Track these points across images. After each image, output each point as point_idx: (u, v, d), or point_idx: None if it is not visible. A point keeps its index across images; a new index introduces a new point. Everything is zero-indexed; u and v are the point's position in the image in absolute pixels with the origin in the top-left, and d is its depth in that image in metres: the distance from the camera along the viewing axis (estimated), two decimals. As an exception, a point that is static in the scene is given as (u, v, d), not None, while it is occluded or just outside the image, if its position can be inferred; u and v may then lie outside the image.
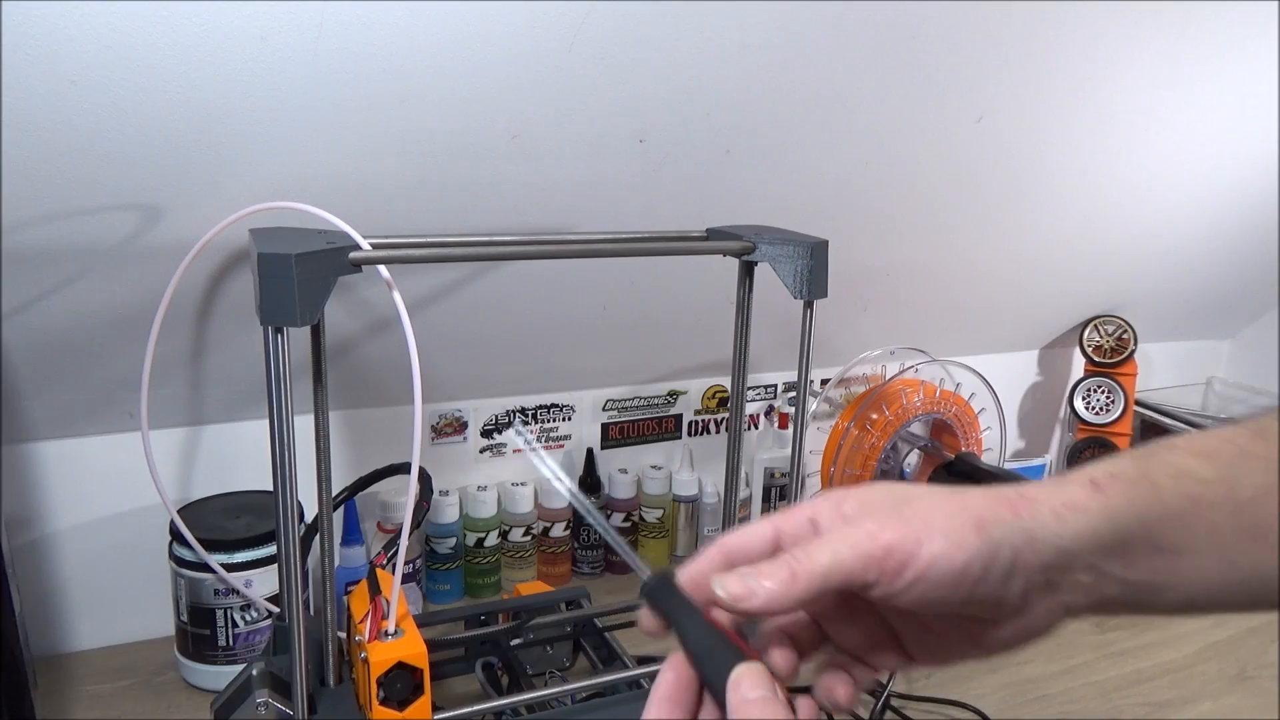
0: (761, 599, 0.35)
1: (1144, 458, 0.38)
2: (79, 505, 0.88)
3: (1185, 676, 0.94)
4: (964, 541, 0.34)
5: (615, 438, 1.13)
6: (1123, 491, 0.36)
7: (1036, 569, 0.36)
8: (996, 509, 0.36)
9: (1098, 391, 1.30)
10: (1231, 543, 0.36)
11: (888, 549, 0.34)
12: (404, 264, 0.55)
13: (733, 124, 0.82)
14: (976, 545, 0.34)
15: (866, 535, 0.35)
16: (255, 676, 0.64)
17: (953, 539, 0.34)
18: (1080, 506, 0.36)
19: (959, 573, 0.34)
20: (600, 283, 0.95)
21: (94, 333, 0.78)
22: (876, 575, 0.34)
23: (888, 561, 0.34)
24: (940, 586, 0.35)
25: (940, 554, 0.34)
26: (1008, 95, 0.91)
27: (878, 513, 0.36)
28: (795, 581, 0.34)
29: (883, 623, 0.40)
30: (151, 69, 0.61)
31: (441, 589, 1.03)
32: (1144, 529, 0.36)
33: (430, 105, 0.71)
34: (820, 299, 0.63)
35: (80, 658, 0.89)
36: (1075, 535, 0.36)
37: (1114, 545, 0.36)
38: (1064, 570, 0.36)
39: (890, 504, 0.37)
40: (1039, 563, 0.35)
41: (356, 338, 0.90)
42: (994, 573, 0.35)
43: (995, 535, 0.35)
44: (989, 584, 0.35)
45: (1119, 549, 0.36)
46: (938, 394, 1.01)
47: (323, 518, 0.64)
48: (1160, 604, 0.38)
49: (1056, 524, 0.36)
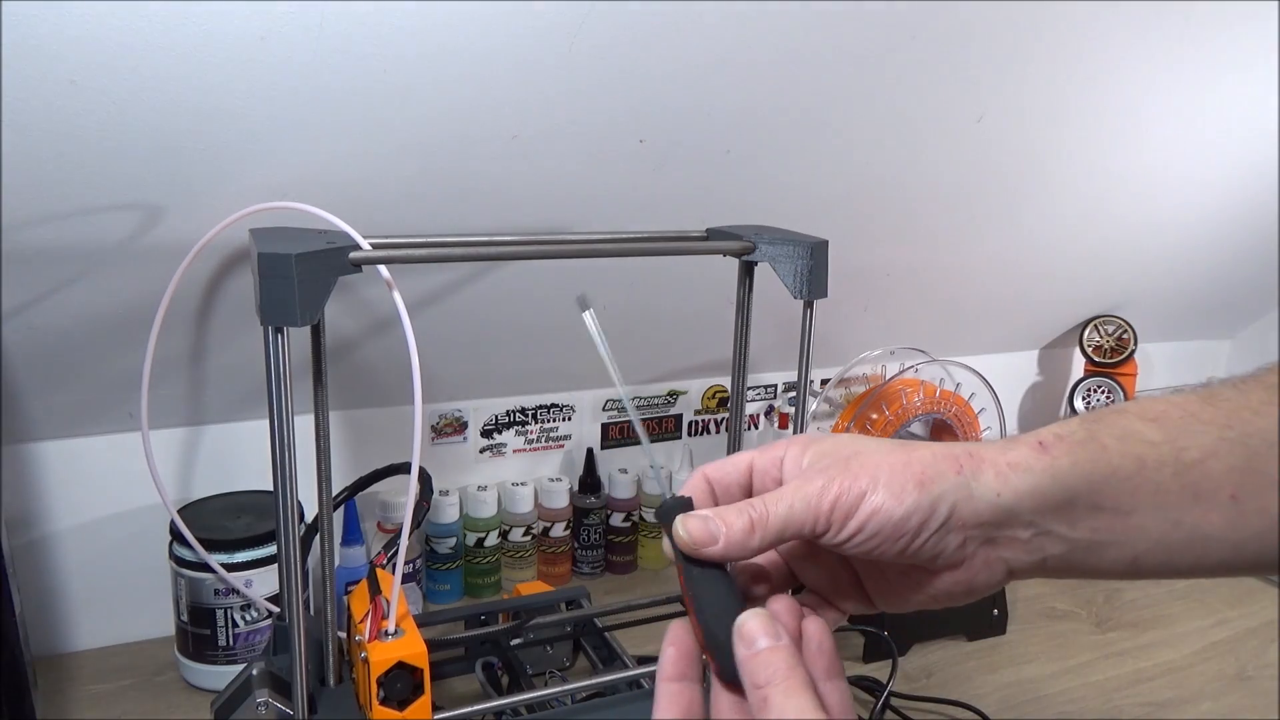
0: (720, 547, 0.37)
1: (1093, 421, 0.39)
2: (79, 505, 0.88)
3: (1185, 676, 0.94)
4: (904, 495, 0.36)
5: (615, 438, 1.13)
6: (1068, 451, 0.38)
7: (974, 524, 0.37)
8: (941, 465, 0.37)
9: (1098, 391, 1.30)
10: (1175, 503, 0.37)
11: (834, 502, 0.37)
12: (404, 264, 0.55)
13: (733, 124, 0.82)
14: (915, 499, 0.36)
15: (816, 490, 0.37)
16: (255, 676, 0.64)
17: (894, 492, 0.36)
18: (1025, 466, 0.37)
19: (897, 523, 0.36)
20: (600, 283, 0.95)
21: (94, 333, 0.78)
22: (825, 526, 0.37)
23: (834, 513, 0.37)
24: (879, 536, 0.37)
25: (880, 506, 0.36)
26: (1008, 95, 0.91)
27: (830, 466, 0.38)
28: (753, 532, 0.37)
29: (845, 565, 0.42)
30: (151, 69, 0.61)
31: (441, 589, 1.03)
32: (1088, 488, 0.37)
33: (430, 105, 0.71)
34: (820, 299, 0.63)
35: (80, 658, 0.89)
36: (1016, 493, 0.37)
37: (1057, 504, 0.37)
38: (1002, 526, 0.38)
39: (842, 457, 0.38)
40: (976, 519, 0.37)
41: (356, 338, 0.90)
42: (931, 525, 0.37)
43: (935, 490, 0.37)
44: (926, 535, 0.37)
45: (1062, 508, 0.37)
46: (938, 394, 1.01)
47: (323, 518, 0.64)
48: (1104, 564, 0.39)
49: (998, 482, 0.37)
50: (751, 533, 0.37)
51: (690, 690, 0.37)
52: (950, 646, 0.98)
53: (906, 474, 0.37)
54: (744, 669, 0.34)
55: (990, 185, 1.02)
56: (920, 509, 0.36)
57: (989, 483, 0.37)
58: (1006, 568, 0.39)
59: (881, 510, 0.36)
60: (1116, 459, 0.37)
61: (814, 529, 0.37)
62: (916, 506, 0.36)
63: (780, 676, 0.33)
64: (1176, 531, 0.37)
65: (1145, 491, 0.37)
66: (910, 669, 0.93)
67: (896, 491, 0.36)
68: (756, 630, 0.34)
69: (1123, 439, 0.38)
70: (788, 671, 0.33)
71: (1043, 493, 0.37)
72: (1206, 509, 0.37)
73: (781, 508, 0.37)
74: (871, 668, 0.92)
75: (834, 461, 0.38)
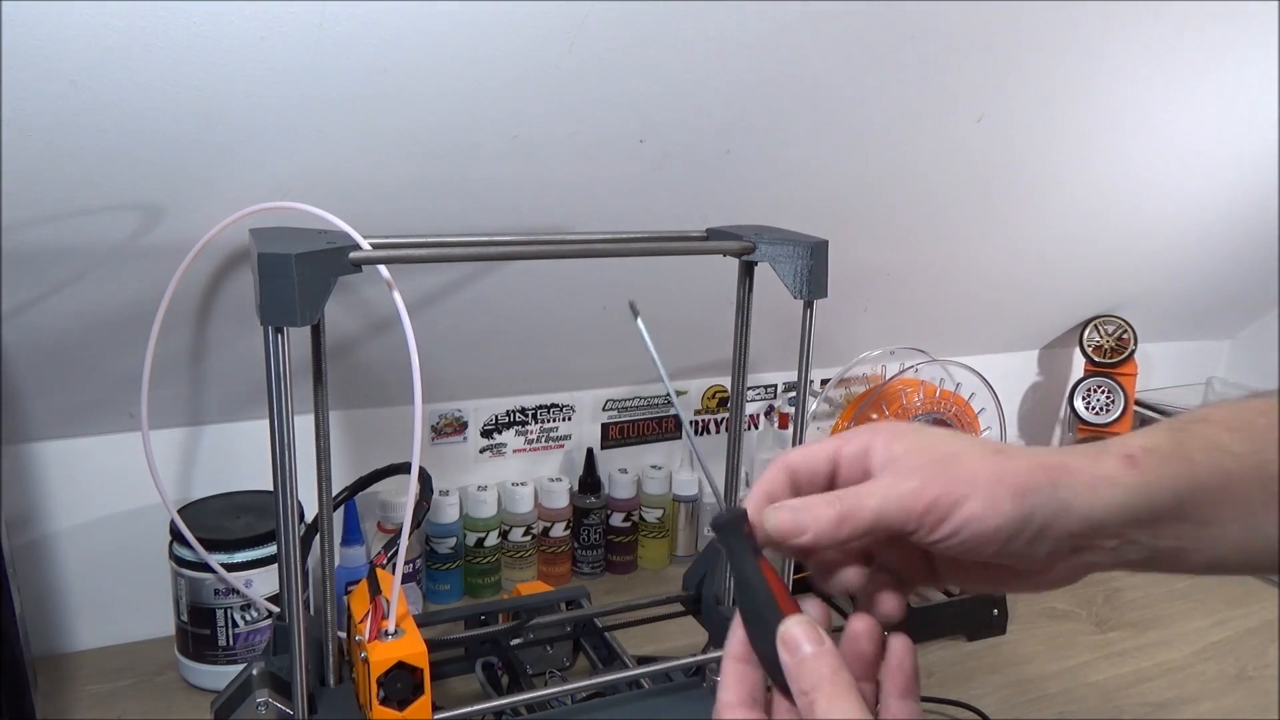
0: (809, 538, 0.37)
1: (1179, 430, 0.40)
2: (79, 505, 0.88)
3: (1185, 676, 0.94)
4: (1000, 506, 0.36)
5: (615, 438, 1.13)
6: (1156, 467, 0.38)
7: (1065, 536, 0.38)
8: (1036, 477, 0.37)
9: (1098, 391, 1.30)
10: (1258, 511, 0.38)
11: (929, 505, 0.37)
12: (404, 264, 0.55)
13: (733, 124, 0.82)
14: (1011, 511, 0.36)
15: (911, 491, 0.37)
16: (255, 676, 0.64)
17: (990, 503, 0.36)
18: (1116, 480, 0.38)
19: (991, 532, 0.37)
20: (600, 283, 0.95)
21: (94, 333, 0.78)
22: (916, 526, 0.37)
23: (927, 516, 0.37)
24: (972, 542, 0.37)
25: (976, 515, 0.36)
26: (1008, 95, 0.91)
27: (926, 466, 0.38)
28: (842, 524, 0.37)
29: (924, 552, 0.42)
30: (152, 69, 0.61)
31: (441, 589, 1.03)
32: (1175, 502, 0.38)
33: (430, 105, 0.71)
34: (820, 299, 0.63)
35: (80, 658, 0.89)
36: (1106, 507, 0.37)
37: (1145, 518, 0.38)
38: (1092, 537, 0.38)
39: (939, 458, 0.38)
40: (1068, 531, 0.37)
41: (356, 338, 0.90)
42: (1024, 535, 0.37)
43: (1031, 503, 0.37)
44: (1018, 544, 0.37)
45: (1149, 521, 0.38)
46: (938, 394, 1.01)
47: (323, 518, 0.64)
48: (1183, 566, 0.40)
49: (1090, 496, 0.37)
50: (841, 525, 0.37)
51: (755, 673, 0.37)
52: (950, 646, 0.98)
53: (1004, 485, 0.37)
54: (790, 675, 0.35)
55: (990, 185, 1.02)
56: (1014, 521, 0.36)
57: (1082, 496, 0.37)
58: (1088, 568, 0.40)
59: (976, 519, 0.36)
60: (1203, 473, 0.38)
61: (904, 527, 0.37)
62: (1011, 518, 0.36)
63: (825, 681, 0.34)
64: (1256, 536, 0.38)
65: (1229, 504, 0.38)
66: (910, 669, 0.93)
67: (993, 502, 0.36)
68: (800, 637, 0.35)
69: (1209, 451, 0.39)
70: (832, 676, 0.34)
71: (1132, 507, 0.38)
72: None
73: (873, 502, 0.37)
74: (871, 668, 0.92)
75: (929, 461, 0.38)
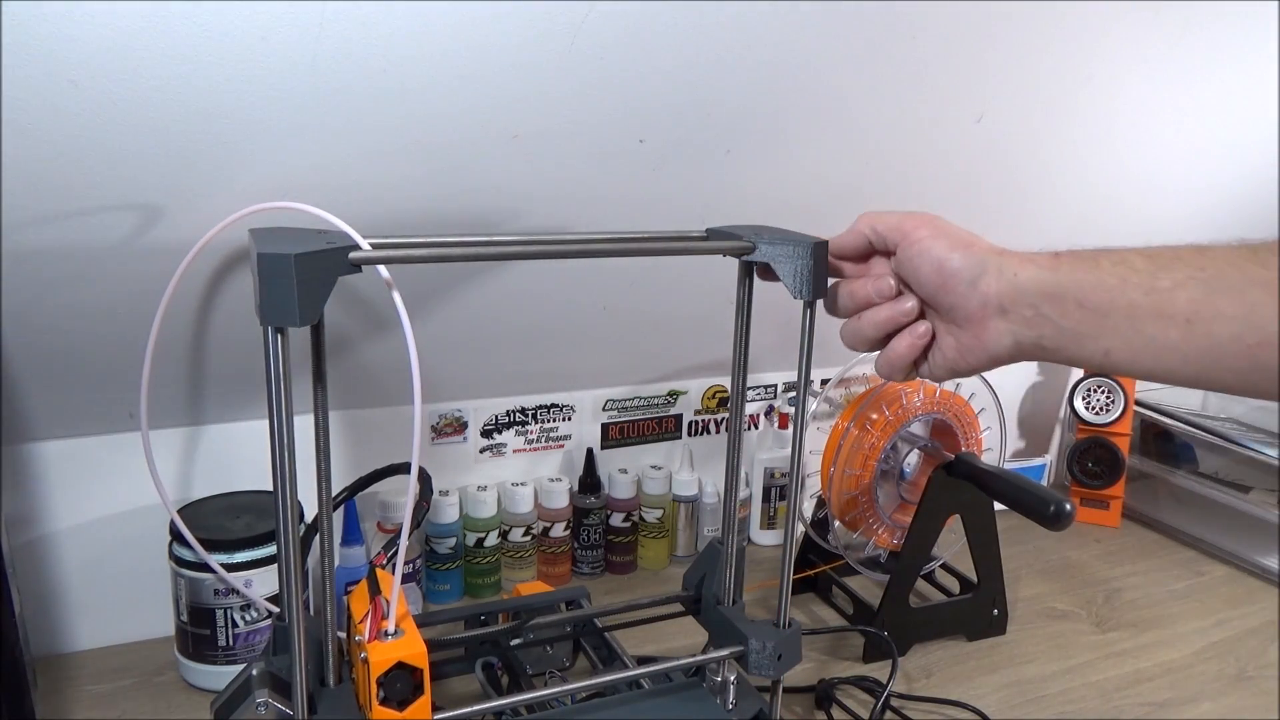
0: None
1: (1104, 249, 0.52)
2: (79, 505, 0.88)
3: (1185, 676, 0.94)
4: (955, 251, 0.56)
5: (615, 438, 1.13)
6: (1071, 262, 0.52)
7: (994, 293, 0.54)
8: (986, 246, 0.56)
9: (1098, 391, 1.30)
10: (1142, 315, 0.49)
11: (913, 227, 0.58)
12: (404, 264, 0.55)
13: (733, 124, 0.82)
14: (962, 254, 0.56)
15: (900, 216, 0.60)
16: (255, 676, 0.64)
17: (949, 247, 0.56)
18: (1039, 264, 0.53)
19: (940, 260, 0.56)
20: (600, 283, 0.95)
21: (94, 333, 0.78)
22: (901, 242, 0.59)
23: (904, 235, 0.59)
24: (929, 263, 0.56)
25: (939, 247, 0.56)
26: (1008, 95, 0.91)
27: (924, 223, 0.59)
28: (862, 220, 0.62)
29: None
30: (152, 69, 0.61)
31: (441, 589, 1.03)
32: (1077, 288, 0.51)
33: (430, 105, 0.71)
34: (820, 299, 0.63)
35: (80, 658, 0.89)
36: (1027, 278, 0.53)
37: (1053, 294, 0.52)
38: (1013, 302, 0.53)
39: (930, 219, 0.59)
40: (997, 288, 0.54)
41: (356, 338, 0.90)
42: (963, 276, 0.55)
43: (976, 257, 0.55)
44: (959, 283, 0.55)
45: (1056, 298, 0.52)
46: (938, 394, 1.01)
47: (323, 518, 0.64)
48: (1083, 352, 0.52)
49: (1017, 267, 0.53)
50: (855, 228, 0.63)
51: None
52: (950, 646, 0.98)
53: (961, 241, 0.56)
54: None
55: (990, 185, 1.02)
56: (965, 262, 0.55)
57: (1011, 266, 0.53)
58: (1014, 339, 0.54)
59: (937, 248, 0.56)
60: (1105, 273, 0.50)
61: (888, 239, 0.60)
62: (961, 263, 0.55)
63: None
64: (1139, 337, 0.49)
65: (1120, 300, 0.50)
66: (910, 669, 0.93)
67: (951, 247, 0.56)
68: None
69: (1116, 262, 0.51)
70: None
71: (1044, 283, 0.52)
72: (1166, 325, 0.48)
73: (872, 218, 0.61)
74: (871, 668, 0.92)
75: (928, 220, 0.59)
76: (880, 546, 1.03)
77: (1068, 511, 0.83)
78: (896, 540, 1.01)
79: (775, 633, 0.69)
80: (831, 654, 0.95)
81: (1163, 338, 0.48)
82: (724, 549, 0.73)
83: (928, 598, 1.04)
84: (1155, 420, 1.31)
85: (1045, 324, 0.52)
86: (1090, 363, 0.52)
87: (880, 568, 1.04)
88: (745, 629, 0.69)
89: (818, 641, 0.97)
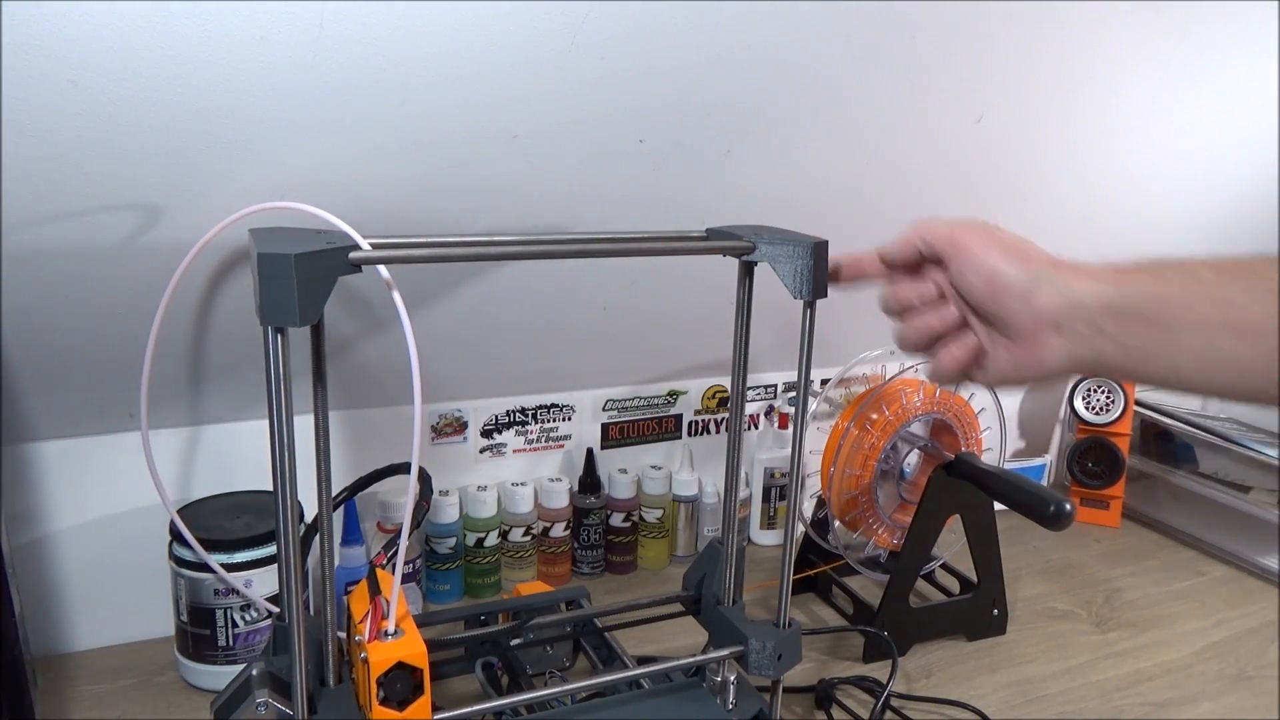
0: None
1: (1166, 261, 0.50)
2: (79, 505, 0.88)
3: (1185, 676, 0.94)
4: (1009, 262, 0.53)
5: (615, 438, 1.13)
6: (1134, 275, 0.50)
7: (1049, 308, 0.51)
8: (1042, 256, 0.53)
9: (1098, 391, 1.30)
10: (1213, 330, 0.47)
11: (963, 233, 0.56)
12: (404, 264, 0.55)
13: (733, 124, 0.82)
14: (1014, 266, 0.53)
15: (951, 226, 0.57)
16: (255, 676, 0.64)
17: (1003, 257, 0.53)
18: (1099, 278, 0.50)
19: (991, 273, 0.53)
20: (600, 283, 0.95)
21: (94, 333, 0.78)
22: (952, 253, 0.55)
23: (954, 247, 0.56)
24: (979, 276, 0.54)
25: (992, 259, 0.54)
26: (1008, 95, 0.91)
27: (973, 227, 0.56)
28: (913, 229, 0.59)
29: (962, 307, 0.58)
30: (151, 69, 0.61)
31: (441, 589, 1.03)
32: (1142, 304, 0.48)
33: (430, 105, 0.71)
34: (820, 299, 0.63)
35: (80, 658, 0.89)
36: (1085, 292, 0.50)
37: (1115, 309, 0.49)
38: (1070, 318, 0.51)
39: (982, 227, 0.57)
40: (1052, 304, 0.51)
41: (356, 338, 0.90)
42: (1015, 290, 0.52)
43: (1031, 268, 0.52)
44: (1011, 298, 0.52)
45: (1118, 313, 0.49)
46: (938, 394, 1.01)
47: (323, 518, 0.64)
48: (1152, 371, 0.49)
49: (1075, 280, 0.51)
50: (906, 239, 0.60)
51: None
52: (950, 646, 0.98)
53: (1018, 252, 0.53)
54: None
55: (990, 185, 1.02)
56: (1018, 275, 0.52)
57: (1068, 278, 0.51)
58: (1069, 355, 0.51)
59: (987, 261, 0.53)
60: (1171, 287, 0.48)
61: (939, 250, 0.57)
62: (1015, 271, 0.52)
63: None
64: (1211, 352, 0.47)
65: (1189, 316, 0.47)
66: (910, 669, 0.93)
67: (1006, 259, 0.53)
68: None
69: (1182, 274, 0.48)
70: None
71: (1105, 297, 0.49)
72: (1237, 339, 0.46)
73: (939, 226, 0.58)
74: (871, 668, 0.92)
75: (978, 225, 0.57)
76: (880, 546, 1.03)
77: (1068, 511, 0.83)
78: (896, 540, 1.01)
79: (775, 633, 0.69)
80: (831, 654, 0.95)
81: (1235, 352, 0.46)
82: (724, 549, 0.73)
83: (928, 598, 1.04)
84: (1155, 420, 1.31)
85: (1106, 341, 0.50)
86: (1157, 380, 0.49)
87: (880, 568, 1.04)
88: (745, 629, 0.69)
89: (818, 641, 0.97)
